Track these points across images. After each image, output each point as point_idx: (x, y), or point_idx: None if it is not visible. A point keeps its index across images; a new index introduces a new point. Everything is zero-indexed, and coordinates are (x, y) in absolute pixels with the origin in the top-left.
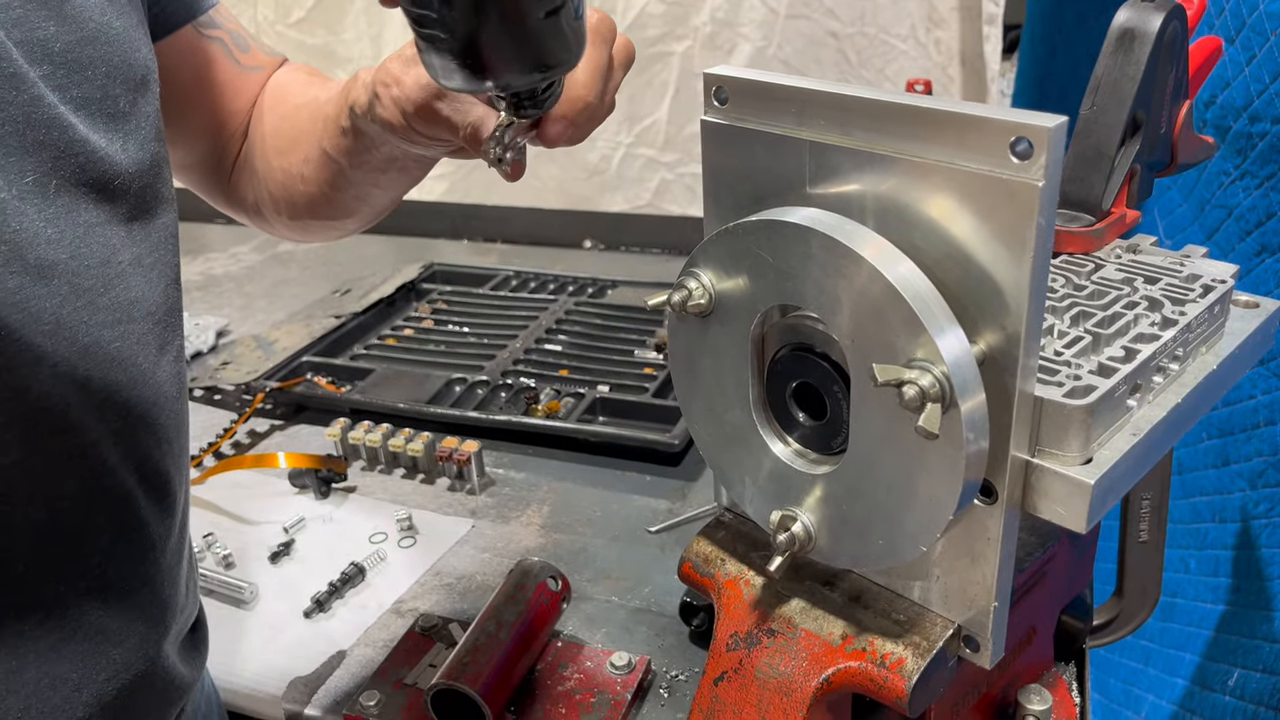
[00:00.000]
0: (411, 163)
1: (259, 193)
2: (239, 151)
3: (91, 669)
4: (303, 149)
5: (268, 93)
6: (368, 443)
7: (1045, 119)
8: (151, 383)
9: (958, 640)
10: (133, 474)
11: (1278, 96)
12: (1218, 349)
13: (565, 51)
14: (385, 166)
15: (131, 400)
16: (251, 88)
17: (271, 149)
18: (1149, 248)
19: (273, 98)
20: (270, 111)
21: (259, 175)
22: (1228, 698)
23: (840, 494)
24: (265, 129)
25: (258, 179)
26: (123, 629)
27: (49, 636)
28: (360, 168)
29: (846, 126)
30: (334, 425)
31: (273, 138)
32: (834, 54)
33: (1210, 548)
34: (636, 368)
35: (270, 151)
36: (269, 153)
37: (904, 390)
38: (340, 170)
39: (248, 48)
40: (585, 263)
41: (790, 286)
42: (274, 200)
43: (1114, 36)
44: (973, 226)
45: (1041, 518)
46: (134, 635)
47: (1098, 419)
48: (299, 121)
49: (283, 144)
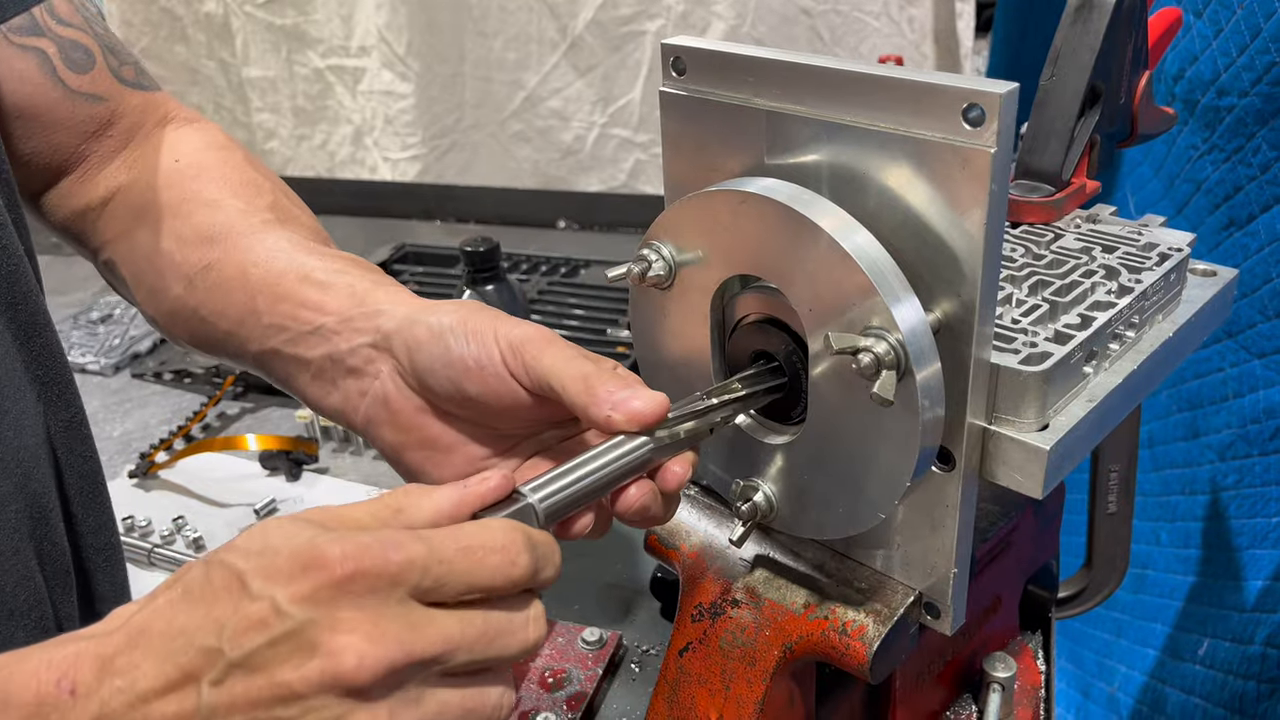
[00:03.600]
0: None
1: (96, 242)
2: (56, 183)
3: None
4: (224, 313)
5: (175, 182)
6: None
7: (997, 85)
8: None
9: (919, 608)
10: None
11: (1245, 70)
12: (1174, 317)
13: None
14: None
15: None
16: (81, 120)
17: (172, 270)
18: (1108, 217)
19: (200, 208)
20: (182, 221)
21: (113, 246)
22: (1198, 667)
23: (800, 463)
24: (169, 239)
25: (105, 243)
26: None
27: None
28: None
29: (802, 96)
30: (304, 407)
31: (176, 262)
32: (807, 31)
33: (1181, 520)
34: (609, 347)
35: (168, 268)
36: (168, 267)
37: (859, 357)
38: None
39: (88, 66)
40: (559, 243)
41: (748, 257)
42: (121, 271)
43: (1073, 6)
44: (927, 194)
45: (1001, 485)
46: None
47: (1053, 386)
48: (238, 286)
49: (196, 293)
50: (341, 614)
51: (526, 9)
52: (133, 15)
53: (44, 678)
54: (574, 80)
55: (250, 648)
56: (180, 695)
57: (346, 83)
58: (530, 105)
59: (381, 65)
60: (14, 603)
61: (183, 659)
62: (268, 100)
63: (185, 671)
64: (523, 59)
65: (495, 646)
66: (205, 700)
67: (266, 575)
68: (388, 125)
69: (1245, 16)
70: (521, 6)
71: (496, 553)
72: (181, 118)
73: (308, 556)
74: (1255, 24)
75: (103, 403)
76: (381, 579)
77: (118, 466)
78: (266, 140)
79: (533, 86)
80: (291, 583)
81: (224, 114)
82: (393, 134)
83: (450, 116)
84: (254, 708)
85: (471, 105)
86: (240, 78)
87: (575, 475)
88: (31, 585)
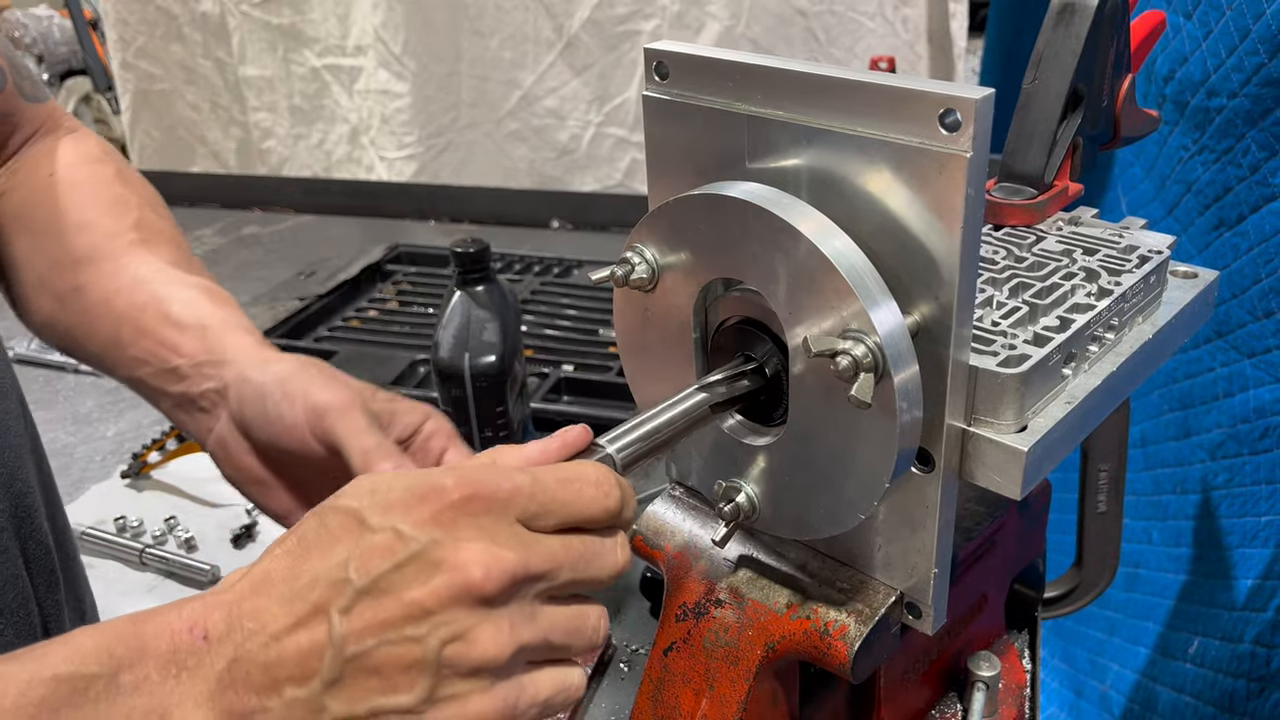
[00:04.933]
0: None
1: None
2: None
3: None
4: (92, 336)
5: (48, 199)
6: None
7: (973, 91)
8: None
9: (900, 607)
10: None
11: (1235, 71)
12: (1155, 319)
13: None
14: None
15: None
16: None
17: (45, 286)
18: (1090, 220)
19: (74, 229)
20: (52, 240)
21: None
22: (1188, 665)
23: (782, 464)
24: (42, 256)
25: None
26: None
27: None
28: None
29: (782, 100)
30: None
31: (51, 277)
32: (802, 32)
33: (1172, 519)
34: (601, 347)
35: (41, 283)
36: (41, 281)
37: (837, 360)
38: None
39: (1, 86)
40: (552, 243)
41: (730, 260)
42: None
43: (1055, 9)
44: (905, 198)
45: (980, 485)
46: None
47: (1032, 388)
48: (104, 314)
49: (69, 313)
50: (462, 533)
51: (522, 8)
52: (128, 14)
53: (177, 628)
54: (570, 79)
55: (377, 573)
56: (311, 629)
57: (343, 82)
58: (526, 104)
59: (378, 64)
60: (1, 602)
61: (311, 595)
62: (264, 99)
63: (314, 606)
64: (519, 58)
65: (593, 567)
66: (337, 630)
67: (384, 509)
68: (384, 124)
69: (1234, 18)
70: (517, 6)
71: (592, 485)
72: (64, 127)
73: (423, 487)
74: (1244, 25)
75: (96, 403)
76: (494, 502)
77: (110, 467)
78: (263, 140)
79: (529, 86)
80: (410, 511)
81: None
82: (389, 133)
83: (446, 115)
84: (385, 629)
85: (468, 104)
86: (237, 77)
87: (646, 429)
88: (19, 585)
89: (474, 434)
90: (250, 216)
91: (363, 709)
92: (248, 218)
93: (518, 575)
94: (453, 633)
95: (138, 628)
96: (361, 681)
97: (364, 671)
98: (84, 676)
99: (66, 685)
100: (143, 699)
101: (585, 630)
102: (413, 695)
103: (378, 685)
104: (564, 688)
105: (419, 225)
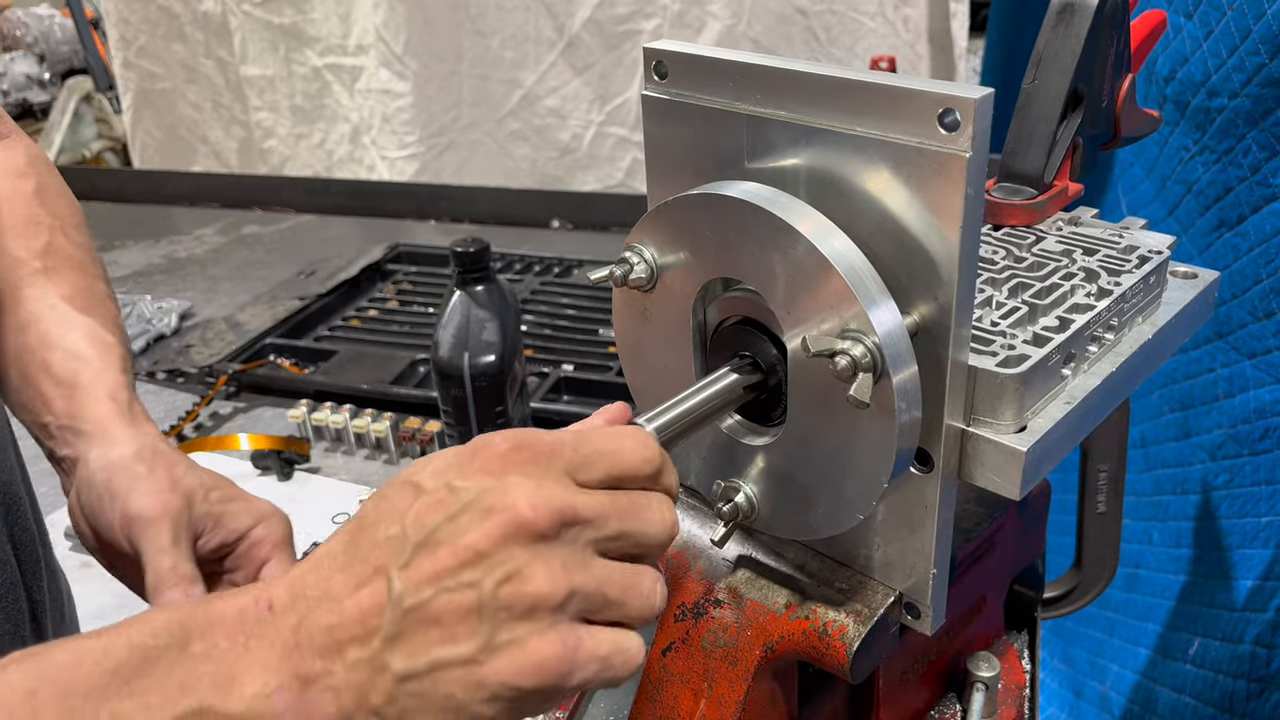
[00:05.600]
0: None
1: None
2: None
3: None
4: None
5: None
6: (331, 424)
7: (971, 91)
8: None
9: (899, 608)
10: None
11: (1235, 71)
12: (1154, 319)
13: None
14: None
15: None
16: None
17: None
18: (1090, 220)
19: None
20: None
21: None
22: (1188, 665)
23: (780, 464)
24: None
25: None
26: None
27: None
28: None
29: (781, 100)
30: (297, 407)
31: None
32: (803, 32)
33: (1172, 519)
34: (600, 347)
35: None
36: None
37: (836, 360)
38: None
39: None
40: (552, 242)
41: (729, 260)
42: None
43: (1055, 10)
44: (904, 198)
45: (978, 486)
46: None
47: (1031, 388)
48: (16, 341)
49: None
50: (510, 479)
51: (524, 8)
52: (130, 13)
53: (243, 602)
54: (571, 79)
55: (432, 526)
56: (372, 587)
57: (344, 81)
58: (527, 104)
59: (379, 64)
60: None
61: (371, 558)
62: (266, 99)
63: (375, 568)
64: (520, 58)
65: (640, 520)
66: (396, 587)
67: (436, 473)
68: (385, 124)
69: (1235, 18)
70: (519, 5)
71: (631, 438)
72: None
73: (473, 446)
74: (1245, 26)
75: None
76: (539, 453)
77: None
78: (265, 139)
79: (530, 85)
80: (462, 468)
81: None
82: (390, 132)
83: (448, 115)
84: (441, 578)
85: (469, 104)
86: (238, 76)
87: (682, 408)
88: (8, 570)
89: (474, 433)
90: (251, 216)
91: (423, 662)
92: (248, 217)
93: (566, 514)
94: (506, 572)
95: (206, 606)
96: (421, 634)
97: (423, 623)
98: (156, 646)
99: (139, 653)
100: (211, 665)
101: (641, 589)
102: (472, 643)
103: (438, 636)
104: (623, 649)
105: (419, 225)
